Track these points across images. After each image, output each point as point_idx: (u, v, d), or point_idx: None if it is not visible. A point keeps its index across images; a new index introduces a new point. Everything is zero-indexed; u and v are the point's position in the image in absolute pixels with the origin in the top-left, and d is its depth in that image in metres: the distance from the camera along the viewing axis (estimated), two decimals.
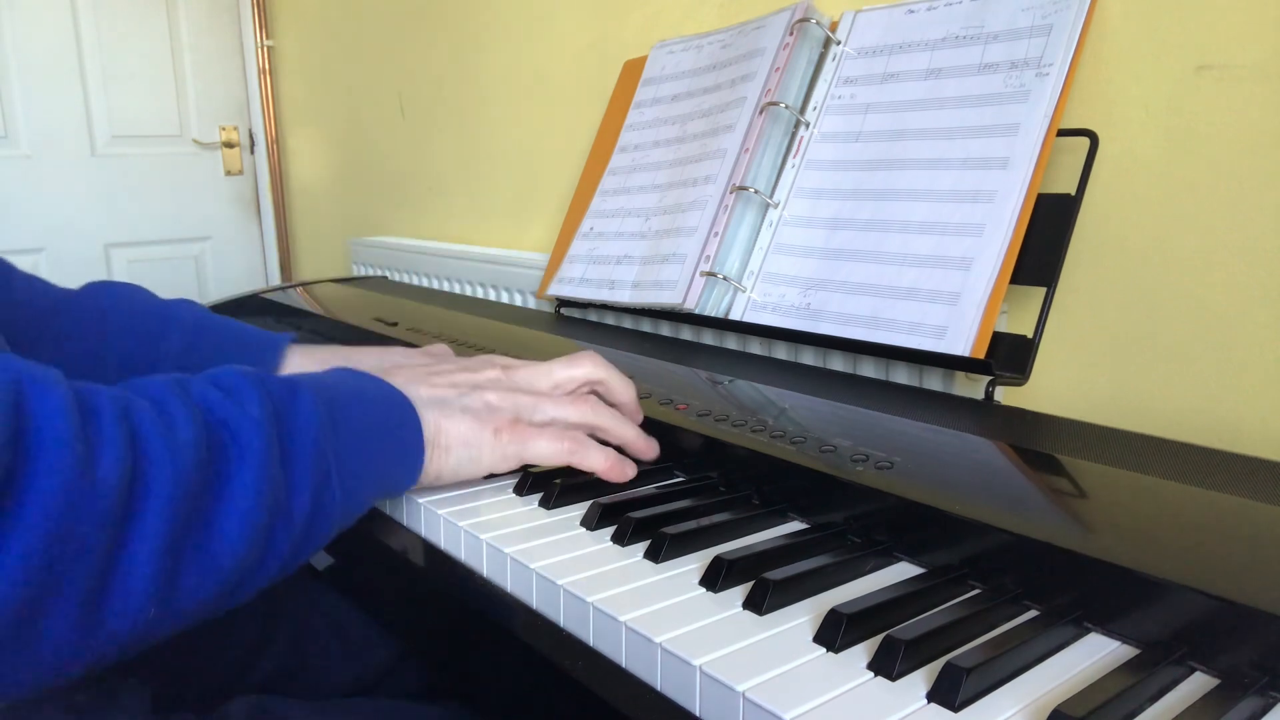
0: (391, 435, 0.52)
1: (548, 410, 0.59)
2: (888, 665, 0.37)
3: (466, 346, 0.88)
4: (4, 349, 0.45)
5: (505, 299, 1.27)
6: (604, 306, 1.01)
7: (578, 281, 1.04)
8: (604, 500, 0.54)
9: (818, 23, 0.87)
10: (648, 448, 0.62)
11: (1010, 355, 0.68)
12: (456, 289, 1.40)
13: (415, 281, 1.51)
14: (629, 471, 0.59)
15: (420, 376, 0.58)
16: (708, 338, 0.93)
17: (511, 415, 0.57)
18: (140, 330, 0.73)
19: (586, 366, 0.62)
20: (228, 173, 2.45)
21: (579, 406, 0.60)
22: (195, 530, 0.40)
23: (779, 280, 0.83)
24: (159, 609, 0.39)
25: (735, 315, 0.85)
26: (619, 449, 0.61)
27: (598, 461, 0.58)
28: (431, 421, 0.54)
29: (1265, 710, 0.35)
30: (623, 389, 0.63)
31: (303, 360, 0.76)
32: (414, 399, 0.54)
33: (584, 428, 0.59)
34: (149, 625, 0.39)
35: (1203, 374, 0.69)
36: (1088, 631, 0.41)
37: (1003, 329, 0.70)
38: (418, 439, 0.53)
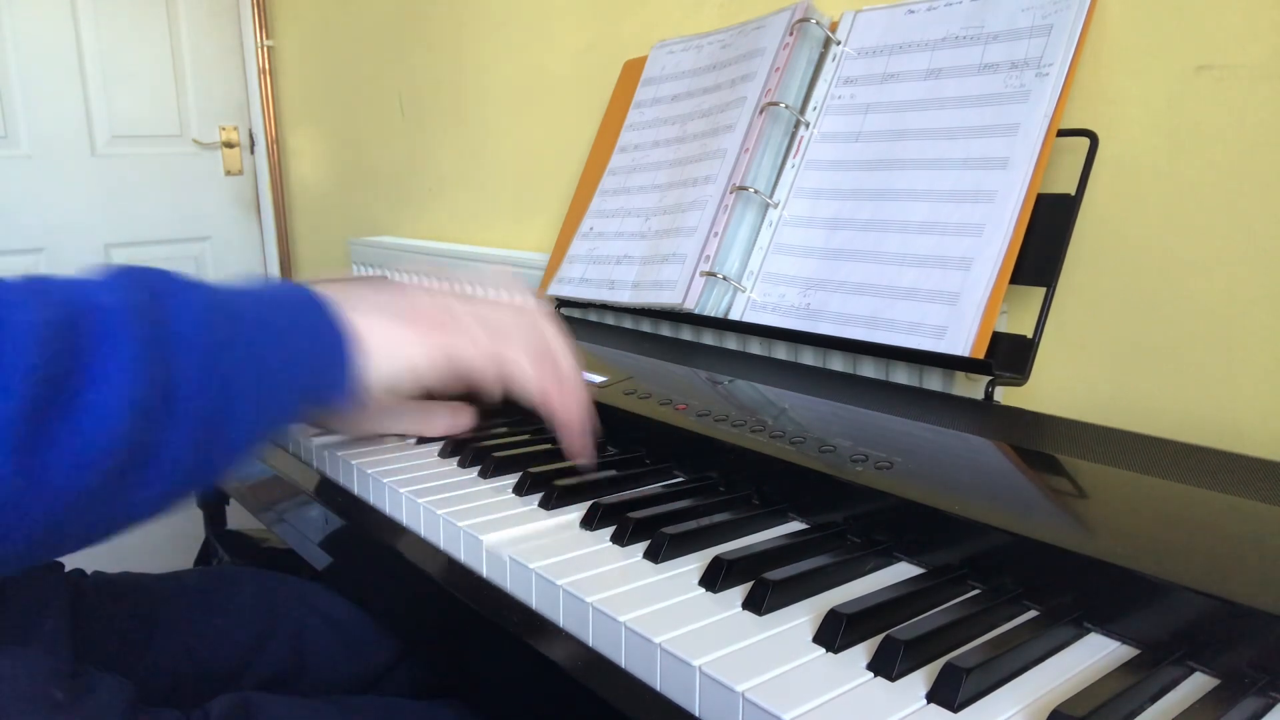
0: (305, 325, 0.48)
1: (478, 317, 0.57)
2: (887, 665, 0.37)
3: None
4: None
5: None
6: (604, 306, 1.01)
7: (578, 281, 1.04)
8: (604, 500, 0.54)
9: (818, 23, 0.87)
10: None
11: (1010, 355, 0.68)
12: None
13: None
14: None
15: (336, 290, 0.54)
16: (708, 338, 0.93)
17: (439, 316, 0.55)
18: None
19: (517, 296, 0.62)
20: (228, 173, 2.45)
21: (505, 312, 0.59)
22: (61, 406, 0.37)
23: (779, 280, 0.83)
24: (19, 473, 0.35)
25: (735, 315, 0.85)
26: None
27: (524, 367, 0.57)
28: (355, 320, 0.51)
29: (1265, 710, 0.35)
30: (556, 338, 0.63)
31: None
32: (327, 297, 0.50)
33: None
34: (10, 490, 0.35)
35: (1203, 374, 0.69)
36: (1088, 632, 0.41)
37: (1002, 329, 0.70)
38: (336, 334, 0.49)
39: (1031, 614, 0.43)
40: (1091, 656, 0.39)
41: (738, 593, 0.45)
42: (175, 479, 0.41)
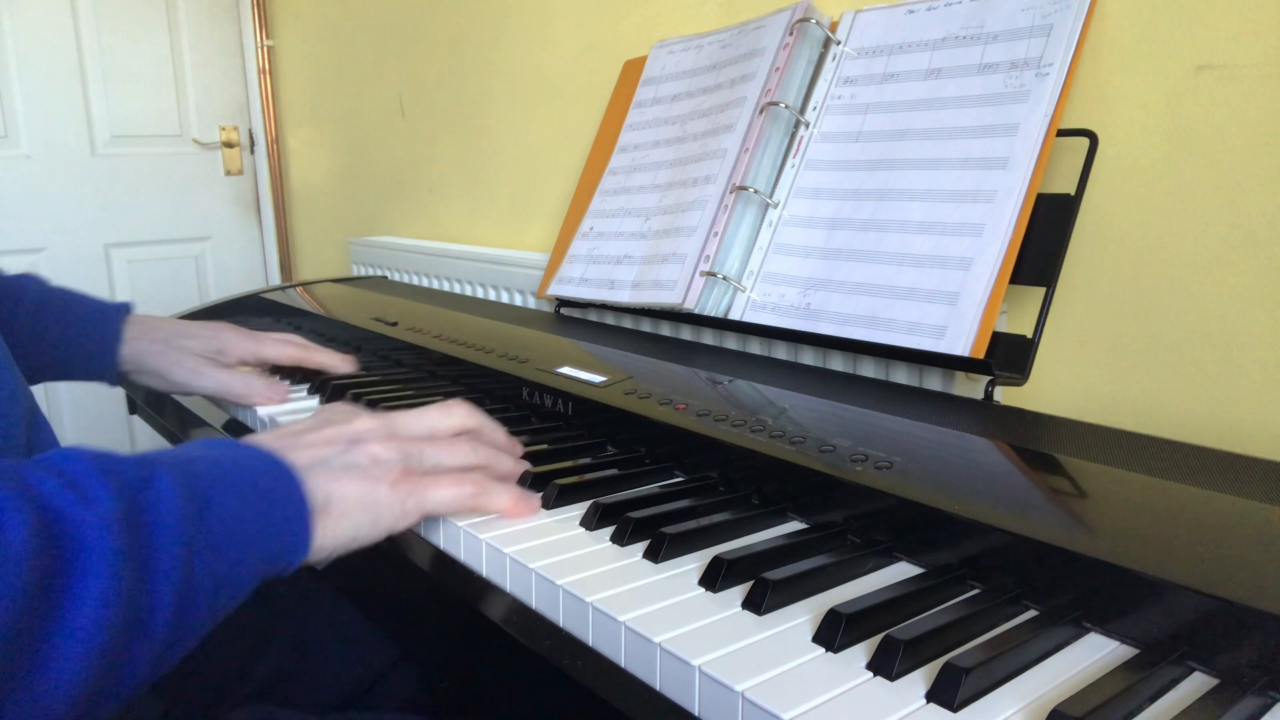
0: (270, 510, 0.45)
1: (431, 455, 0.54)
2: (887, 665, 0.37)
3: (467, 346, 0.88)
4: None
5: (505, 299, 1.27)
6: (604, 306, 1.01)
7: (577, 281, 1.04)
8: (603, 500, 0.54)
9: (818, 23, 0.87)
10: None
11: (1010, 355, 0.68)
12: (456, 289, 1.40)
13: (415, 281, 1.51)
14: (535, 505, 0.56)
15: (290, 438, 0.51)
16: (708, 338, 0.93)
17: (401, 466, 0.52)
18: None
19: (460, 413, 0.58)
20: (228, 173, 2.45)
21: (461, 448, 0.56)
22: (18, 663, 0.32)
23: (779, 280, 0.83)
24: None
25: (735, 315, 0.85)
26: None
27: (503, 501, 0.54)
28: (318, 488, 0.48)
29: (1265, 710, 0.35)
30: (496, 432, 0.61)
31: (139, 331, 0.78)
32: (292, 464, 0.48)
33: (472, 468, 0.56)
34: None
35: (1203, 374, 0.69)
36: (1087, 631, 0.41)
37: (1002, 329, 0.70)
38: (301, 510, 0.46)
39: (1031, 614, 0.43)
40: (1091, 656, 0.39)
41: (737, 592, 0.45)
42: (127, 698, 0.38)
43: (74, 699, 0.34)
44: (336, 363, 0.87)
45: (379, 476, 0.50)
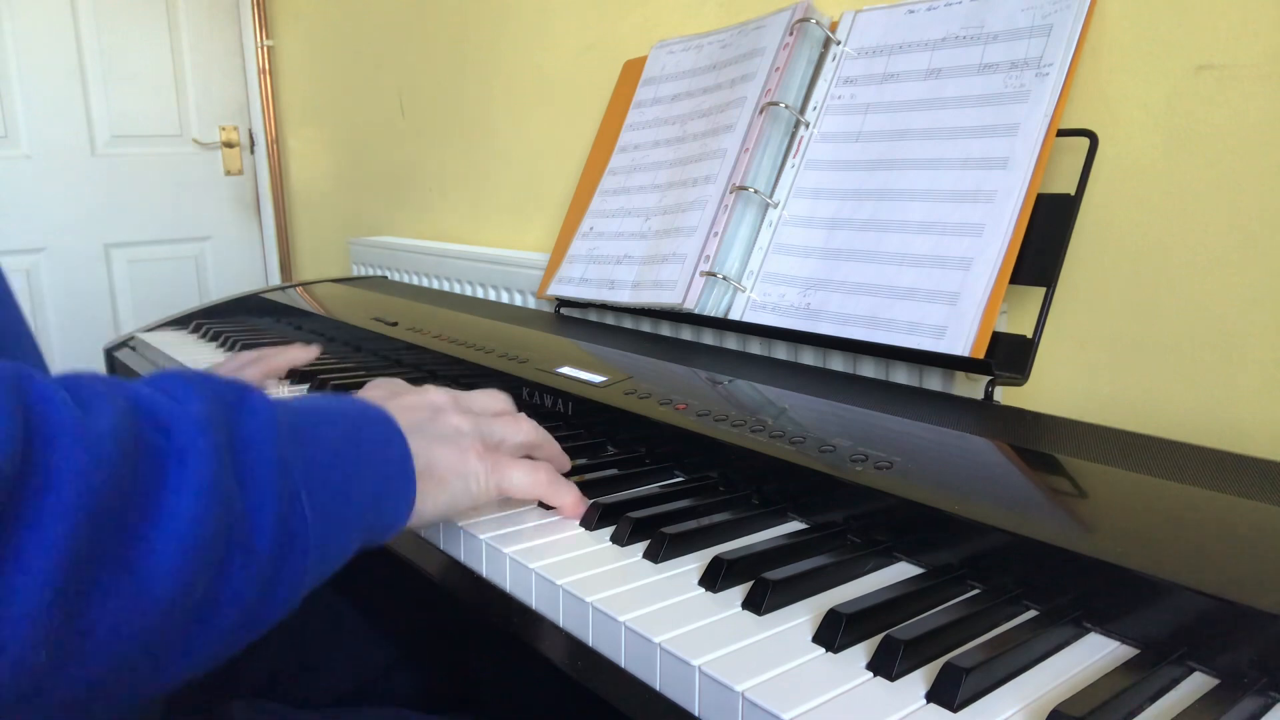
0: (375, 455, 0.43)
1: (499, 430, 0.53)
2: (887, 665, 0.37)
3: (467, 346, 0.88)
4: None
5: (505, 299, 1.27)
6: (604, 306, 1.01)
7: (577, 281, 1.04)
8: (603, 500, 0.54)
9: (818, 23, 0.87)
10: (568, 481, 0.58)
11: (1010, 355, 0.68)
12: (456, 289, 1.40)
13: (415, 281, 1.51)
14: (585, 508, 0.55)
15: (378, 399, 0.49)
16: (708, 338, 0.93)
17: (479, 439, 0.51)
18: None
19: (503, 399, 0.57)
20: (228, 173, 2.45)
21: (525, 424, 0.55)
22: (113, 549, 0.30)
23: (779, 280, 0.83)
24: (53, 653, 0.28)
25: (735, 315, 0.85)
26: None
27: (567, 498, 0.54)
28: (421, 451, 0.46)
29: (1265, 710, 0.35)
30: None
31: None
32: (398, 423, 0.46)
33: (531, 447, 0.56)
34: (35, 675, 0.28)
35: (1203, 374, 0.69)
36: (1087, 631, 0.41)
37: (1002, 329, 0.70)
38: (406, 466, 0.45)
39: (1031, 614, 0.43)
40: (1091, 656, 0.39)
41: (737, 592, 0.45)
42: (232, 633, 0.35)
43: (169, 603, 0.31)
44: (300, 355, 0.85)
45: (466, 447, 0.49)
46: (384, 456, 0.44)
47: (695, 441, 0.61)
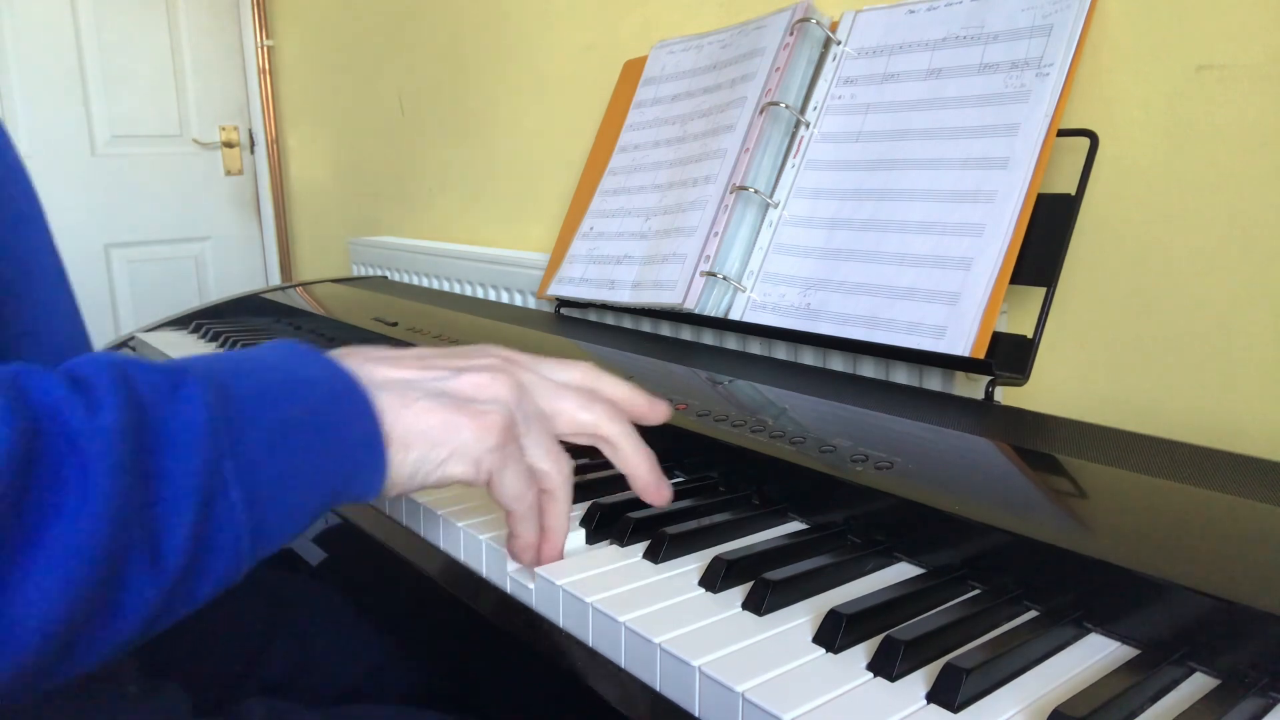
0: (332, 432, 0.39)
1: (549, 404, 0.47)
2: (887, 666, 0.37)
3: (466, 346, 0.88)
4: None
5: (505, 299, 1.27)
6: (604, 306, 1.01)
7: (578, 281, 1.04)
8: (604, 501, 0.54)
9: (818, 23, 0.87)
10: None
11: (1010, 355, 0.68)
12: (456, 289, 1.40)
13: (415, 281, 1.51)
14: (665, 493, 0.49)
15: (378, 354, 0.45)
16: (708, 338, 0.93)
17: (503, 411, 0.44)
18: None
19: (581, 371, 0.51)
20: (228, 173, 2.45)
21: (593, 402, 0.48)
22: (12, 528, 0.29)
23: (779, 280, 0.83)
24: None
25: (735, 315, 0.85)
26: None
27: (637, 459, 0.48)
28: (388, 410, 0.41)
29: (1265, 710, 0.35)
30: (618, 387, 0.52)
31: None
32: (364, 380, 0.42)
33: (585, 426, 0.48)
34: None
35: (1203, 374, 0.69)
36: (1088, 632, 0.41)
37: (1003, 329, 0.70)
38: (373, 438, 0.41)
39: (1031, 614, 0.43)
40: (1091, 657, 0.39)
41: (738, 593, 0.45)
42: (138, 635, 0.34)
43: (49, 624, 0.30)
44: None
45: (473, 413, 0.43)
46: (342, 435, 0.40)
47: (695, 441, 0.61)
